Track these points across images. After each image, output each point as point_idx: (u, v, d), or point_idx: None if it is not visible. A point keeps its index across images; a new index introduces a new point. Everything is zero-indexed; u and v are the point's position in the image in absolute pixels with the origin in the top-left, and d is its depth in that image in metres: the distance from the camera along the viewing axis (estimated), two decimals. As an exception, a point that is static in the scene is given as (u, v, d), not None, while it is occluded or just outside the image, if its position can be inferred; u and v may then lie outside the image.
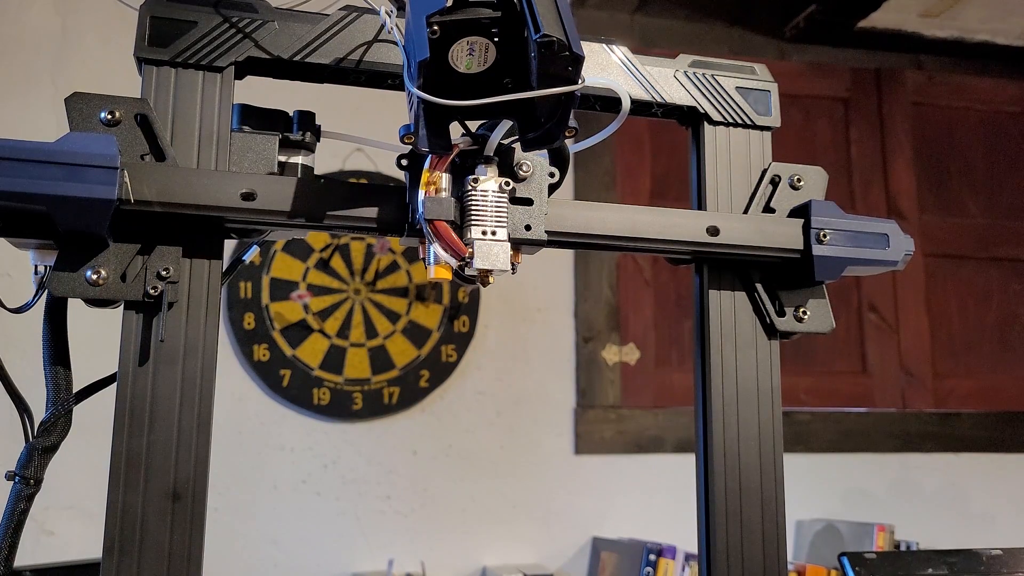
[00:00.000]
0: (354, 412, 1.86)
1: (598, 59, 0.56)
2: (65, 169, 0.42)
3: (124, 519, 0.44)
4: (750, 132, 0.59)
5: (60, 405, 0.46)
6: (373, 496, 1.86)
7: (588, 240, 0.54)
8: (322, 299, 1.88)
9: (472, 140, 0.49)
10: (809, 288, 0.57)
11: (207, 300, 0.47)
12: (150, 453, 0.45)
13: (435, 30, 0.40)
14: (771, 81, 0.60)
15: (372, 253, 1.91)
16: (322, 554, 1.81)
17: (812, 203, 0.57)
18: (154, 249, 0.46)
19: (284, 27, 0.50)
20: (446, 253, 0.48)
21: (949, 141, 2.34)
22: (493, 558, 1.88)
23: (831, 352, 2.13)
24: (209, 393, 0.46)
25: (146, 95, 0.48)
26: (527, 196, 0.51)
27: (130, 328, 0.46)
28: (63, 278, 0.44)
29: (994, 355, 2.25)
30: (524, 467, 1.94)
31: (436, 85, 0.41)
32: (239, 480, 1.78)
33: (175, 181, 0.46)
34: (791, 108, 2.20)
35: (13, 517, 0.46)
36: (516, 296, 1.99)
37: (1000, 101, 2.39)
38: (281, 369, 1.84)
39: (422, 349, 1.92)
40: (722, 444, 0.55)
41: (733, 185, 0.58)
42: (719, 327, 0.56)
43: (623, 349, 2.04)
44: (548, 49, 0.39)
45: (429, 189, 0.48)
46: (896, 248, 0.57)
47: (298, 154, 0.52)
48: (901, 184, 2.27)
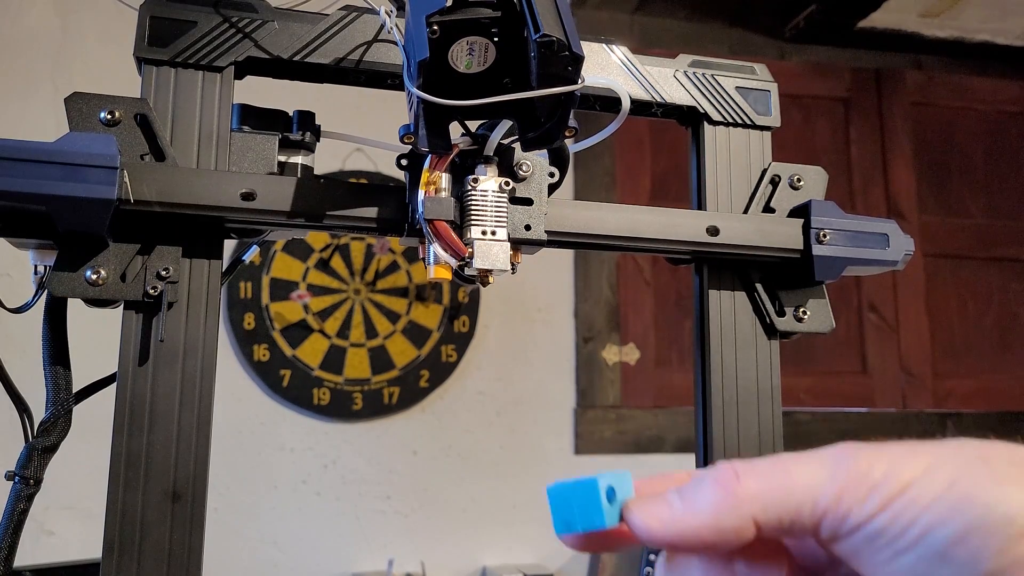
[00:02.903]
0: (354, 412, 1.86)
1: (598, 59, 0.56)
2: (65, 169, 0.42)
3: (124, 519, 0.44)
4: (750, 132, 0.59)
5: (60, 405, 0.46)
6: (373, 496, 1.86)
7: (588, 240, 0.54)
8: (322, 299, 1.88)
9: (472, 140, 0.49)
10: (809, 288, 0.57)
11: (207, 300, 0.47)
12: (150, 453, 0.45)
13: (435, 30, 0.40)
14: (771, 81, 0.60)
15: (372, 253, 1.91)
16: (322, 554, 1.81)
17: (812, 203, 0.56)
18: (154, 249, 0.46)
19: (284, 27, 0.50)
20: (446, 253, 0.48)
21: (949, 141, 2.34)
22: (493, 558, 1.88)
23: (831, 352, 2.13)
24: (209, 393, 0.46)
25: (146, 95, 0.48)
26: (527, 196, 0.51)
27: (130, 328, 0.46)
28: (63, 278, 0.44)
29: (994, 355, 2.25)
30: (524, 467, 1.94)
31: (436, 85, 0.41)
32: (239, 480, 1.78)
33: (175, 181, 0.46)
34: (791, 108, 2.20)
35: (13, 517, 0.46)
36: (516, 296, 1.99)
37: (1000, 101, 2.39)
38: (281, 369, 1.84)
39: (422, 349, 1.92)
40: (722, 444, 0.55)
41: (733, 185, 0.58)
42: (719, 327, 0.56)
43: (623, 349, 2.04)
44: (548, 49, 0.39)
45: (429, 189, 0.48)
46: (896, 248, 0.57)
47: (298, 154, 0.52)
48: (901, 184, 2.27)
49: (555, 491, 0.29)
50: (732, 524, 0.26)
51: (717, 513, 0.26)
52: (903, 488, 0.25)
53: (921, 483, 0.25)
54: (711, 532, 0.26)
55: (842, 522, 0.25)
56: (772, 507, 0.26)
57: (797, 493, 0.26)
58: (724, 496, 0.26)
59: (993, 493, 0.24)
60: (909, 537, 0.25)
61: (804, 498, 0.26)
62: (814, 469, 0.26)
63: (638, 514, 0.28)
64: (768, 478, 0.26)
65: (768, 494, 0.26)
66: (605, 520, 0.28)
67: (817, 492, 0.26)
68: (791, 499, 0.26)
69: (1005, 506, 0.24)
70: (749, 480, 0.27)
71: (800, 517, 0.26)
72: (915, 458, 0.26)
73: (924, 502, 0.25)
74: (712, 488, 0.27)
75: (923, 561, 0.25)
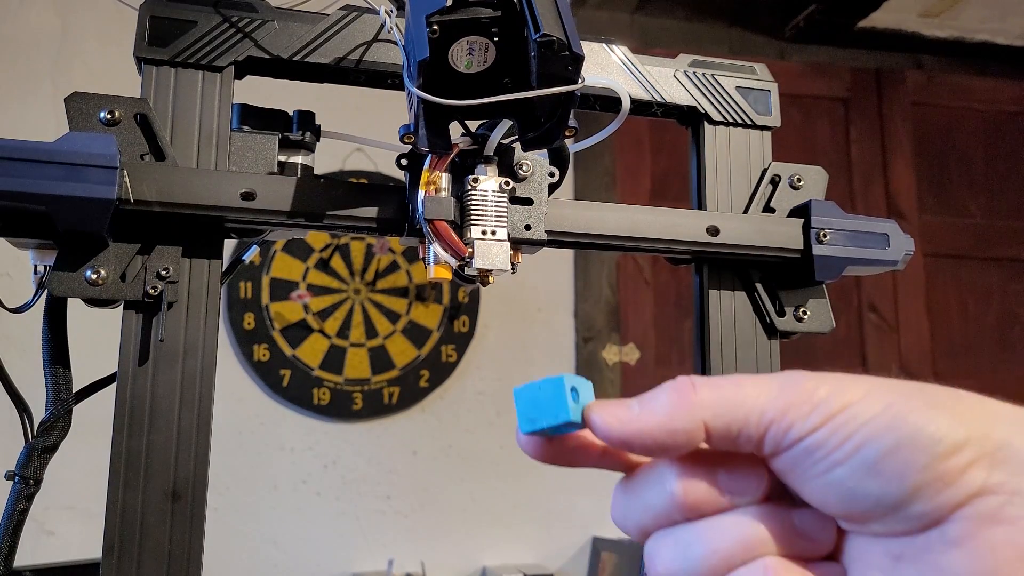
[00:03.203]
0: (354, 412, 1.86)
1: (598, 59, 0.56)
2: (65, 169, 0.42)
3: (124, 519, 0.44)
4: (750, 132, 0.59)
5: (60, 405, 0.46)
6: (373, 496, 1.86)
7: (588, 240, 0.54)
8: (322, 299, 1.88)
9: (472, 140, 0.49)
10: (809, 288, 0.57)
11: (207, 300, 0.47)
12: (150, 453, 0.45)
13: (435, 30, 0.40)
14: (771, 81, 0.60)
15: (372, 253, 1.91)
16: (322, 554, 1.81)
17: (812, 203, 0.56)
18: (154, 249, 0.46)
19: (284, 27, 0.50)
20: (446, 253, 0.48)
21: (949, 141, 2.34)
22: (493, 558, 1.88)
23: (831, 352, 2.13)
24: (209, 393, 0.46)
25: (146, 95, 0.48)
26: (527, 196, 0.51)
27: (130, 328, 0.46)
28: (63, 278, 0.44)
29: (994, 355, 2.25)
30: (524, 467, 1.94)
31: (436, 85, 0.41)
32: (239, 480, 1.78)
33: (175, 181, 0.46)
34: (791, 108, 2.20)
35: (13, 517, 0.46)
36: (516, 296, 1.99)
37: (1000, 101, 2.39)
38: (281, 369, 1.84)
39: (422, 349, 1.92)
40: (722, 444, 0.55)
41: (733, 185, 0.58)
42: (719, 327, 0.56)
43: (623, 349, 2.04)
44: (548, 49, 0.39)
45: (429, 189, 0.48)
46: (896, 248, 0.57)
47: (298, 154, 0.52)
48: (901, 184, 2.27)
49: (522, 391, 0.31)
50: (684, 427, 0.28)
51: (671, 416, 0.28)
52: (844, 407, 0.27)
53: (860, 404, 0.27)
54: (664, 433, 0.28)
55: (784, 434, 0.27)
56: (722, 415, 0.28)
57: (747, 404, 0.28)
58: (679, 401, 0.28)
59: (925, 415, 0.26)
60: (844, 450, 0.26)
61: (752, 409, 0.28)
62: (764, 386, 0.28)
63: (599, 412, 0.29)
64: (722, 390, 0.28)
65: (720, 403, 0.28)
66: (569, 415, 0.29)
67: (765, 405, 0.28)
68: (740, 409, 0.28)
69: (934, 427, 0.26)
70: (704, 390, 0.29)
71: (747, 427, 0.28)
72: (857, 384, 0.28)
73: (861, 420, 0.26)
74: (669, 394, 0.29)
75: (855, 473, 0.26)
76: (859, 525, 0.28)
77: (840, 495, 0.27)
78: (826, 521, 0.29)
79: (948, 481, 0.26)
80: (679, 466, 0.29)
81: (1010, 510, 0.25)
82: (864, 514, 0.27)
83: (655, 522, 0.30)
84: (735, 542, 0.28)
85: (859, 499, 0.27)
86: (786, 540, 0.29)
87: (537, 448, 0.31)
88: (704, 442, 0.29)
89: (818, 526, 0.29)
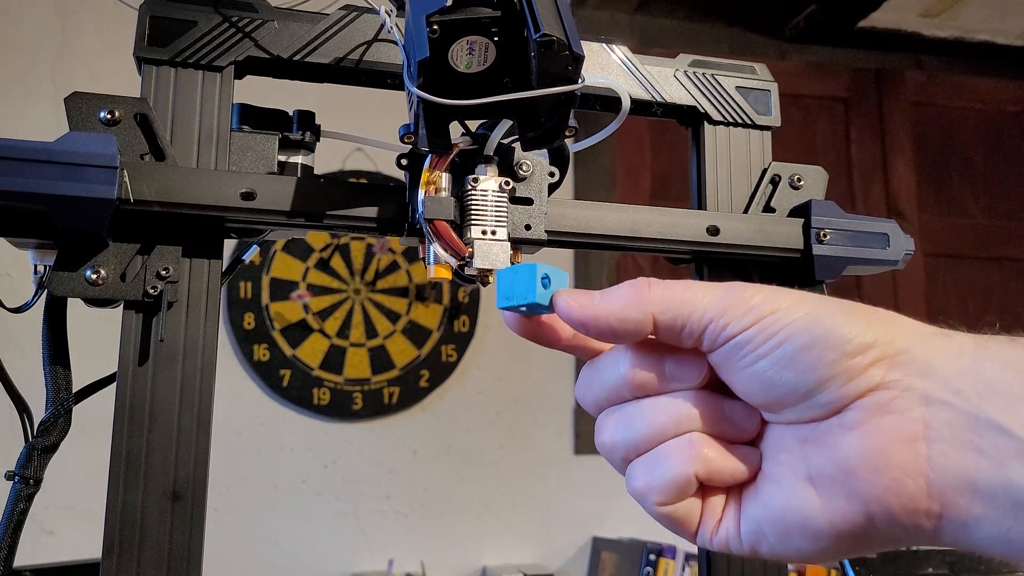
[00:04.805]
0: (354, 412, 1.86)
1: (598, 59, 0.56)
2: (64, 169, 0.42)
3: (124, 519, 0.44)
4: (750, 132, 0.59)
5: (60, 405, 0.46)
6: (373, 496, 1.86)
7: (588, 240, 0.54)
8: (322, 299, 1.88)
9: (472, 140, 0.49)
10: (809, 288, 0.57)
11: (207, 300, 0.47)
12: (150, 453, 0.45)
13: (435, 29, 0.40)
14: (771, 81, 0.60)
15: (372, 253, 1.91)
16: (322, 554, 1.81)
17: (812, 203, 0.56)
18: (154, 249, 0.46)
19: (284, 27, 0.50)
20: (446, 253, 0.48)
21: (949, 141, 2.34)
22: (493, 558, 1.88)
23: (831, 352, 2.13)
24: (209, 393, 0.46)
25: (146, 95, 0.48)
26: (527, 196, 0.51)
27: (130, 328, 0.46)
28: (63, 278, 0.44)
29: (994, 355, 2.25)
30: (524, 467, 1.94)
31: (436, 85, 0.41)
32: (239, 480, 1.78)
33: (175, 181, 0.46)
34: (791, 108, 2.20)
35: (13, 517, 0.46)
36: (516, 296, 1.99)
37: (1000, 101, 2.39)
38: (281, 369, 1.84)
39: (422, 349, 1.92)
40: (722, 444, 0.55)
41: (733, 185, 0.58)
42: (719, 327, 0.56)
43: (623, 349, 2.03)
44: (548, 48, 0.39)
45: (429, 189, 0.48)
46: (896, 248, 0.57)
47: (298, 154, 0.51)
48: (901, 184, 2.27)
49: (504, 272, 0.36)
50: (634, 316, 0.33)
51: (625, 306, 0.33)
52: (772, 311, 0.32)
53: (787, 309, 0.32)
54: (617, 320, 0.33)
55: (721, 331, 0.32)
56: (669, 310, 0.33)
57: (691, 303, 0.33)
58: (634, 294, 0.34)
59: (839, 319, 0.31)
60: (768, 346, 0.31)
61: (696, 308, 0.33)
62: (709, 291, 0.33)
63: (564, 297, 0.35)
64: (672, 289, 0.34)
65: (669, 300, 0.33)
66: (536, 297, 0.34)
67: (707, 306, 0.33)
68: (686, 307, 0.33)
69: (845, 329, 0.31)
70: (657, 288, 0.34)
71: (690, 323, 0.33)
72: (787, 294, 0.32)
73: (785, 321, 0.31)
74: (627, 288, 0.34)
75: (775, 365, 0.31)
76: (776, 415, 0.33)
77: (761, 384, 0.32)
78: (751, 411, 0.34)
79: (852, 375, 0.30)
80: (633, 352, 0.35)
81: (899, 403, 0.30)
82: (779, 401, 0.32)
83: (608, 398, 0.35)
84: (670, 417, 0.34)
85: (776, 387, 0.32)
86: (714, 422, 0.34)
87: (515, 322, 0.37)
88: (652, 334, 0.34)
89: (744, 415, 0.34)
